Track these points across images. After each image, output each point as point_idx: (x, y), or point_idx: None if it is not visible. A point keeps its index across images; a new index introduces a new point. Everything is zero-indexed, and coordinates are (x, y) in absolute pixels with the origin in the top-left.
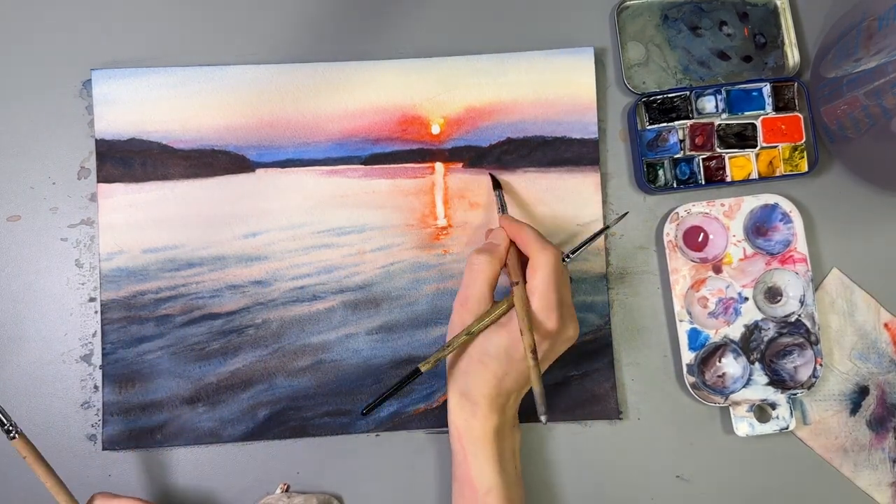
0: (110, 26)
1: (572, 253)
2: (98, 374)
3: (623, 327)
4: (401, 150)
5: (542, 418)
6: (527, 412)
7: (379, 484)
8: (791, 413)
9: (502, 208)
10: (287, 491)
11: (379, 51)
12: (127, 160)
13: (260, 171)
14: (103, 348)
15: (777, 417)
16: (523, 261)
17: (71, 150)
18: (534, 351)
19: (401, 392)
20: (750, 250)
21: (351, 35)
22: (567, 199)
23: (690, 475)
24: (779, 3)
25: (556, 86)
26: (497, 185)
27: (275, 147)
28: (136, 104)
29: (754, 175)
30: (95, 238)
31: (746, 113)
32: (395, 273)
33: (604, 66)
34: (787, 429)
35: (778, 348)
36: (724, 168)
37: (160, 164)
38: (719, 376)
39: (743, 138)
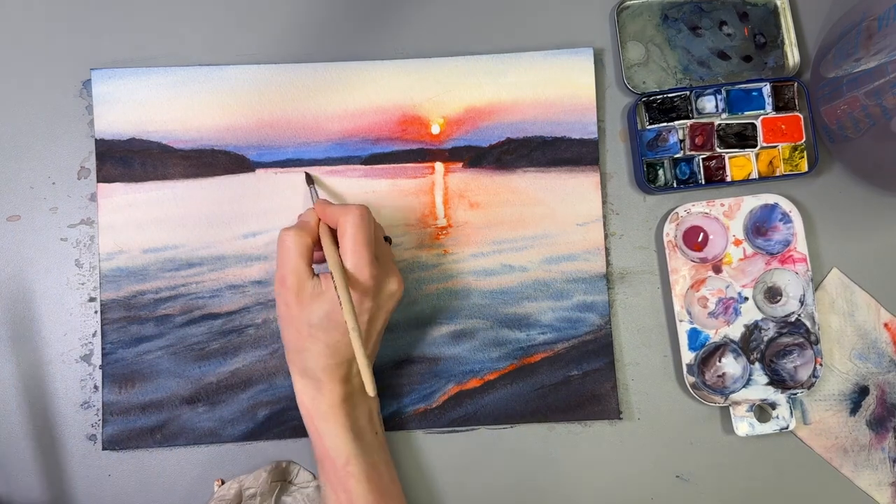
0: (110, 26)
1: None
2: (98, 374)
3: (623, 327)
4: (401, 150)
5: (369, 390)
6: (527, 413)
7: None
8: (791, 413)
9: (315, 198)
10: (222, 484)
11: (379, 51)
12: (127, 160)
13: (260, 171)
14: (103, 348)
15: (777, 417)
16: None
17: (71, 150)
18: (355, 320)
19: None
20: (750, 250)
21: (351, 35)
22: (567, 199)
23: (690, 475)
24: (779, 2)
25: (556, 86)
26: (310, 181)
27: (275, 147)
28: (135, 104)
29: (754, 175)
30: (95, 238)
31: (746, 113)
32: None
33: (604, 66)
34: (787, 429)
35: (778, 348)
36: (724, 168)
37: (160, 163)
38: (719, 376)
39: (743, 138)
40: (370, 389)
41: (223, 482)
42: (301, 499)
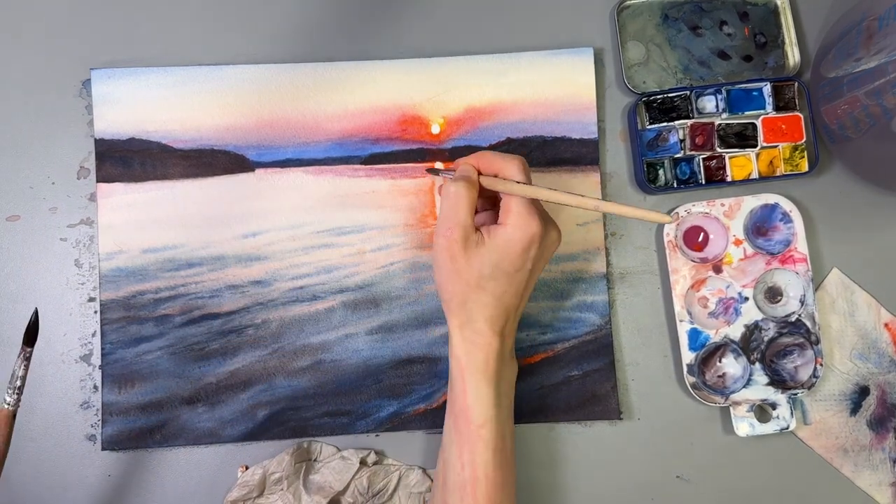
0: (110, 26)
1: None
2: (97, 374)
3: (623, 327)
4: (400, 149)
5: (663, 217)
6: (527, 413)
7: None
8: (791, 413)
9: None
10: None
11: (379, 51)
12: (126, 160)
13: (259, 171)
14: (103, 348)
15: (777, 417)
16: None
17: (70, 150)
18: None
19: None
20: (750, 250)
21: (351, 35)
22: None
23: (690, 475)
24: (779, 2)
25: (556, 86)
26: (435, 172)
27: (274, 147)
28: (135, 104)
29: (754, 175)
30: (95, 238)
31: (747, 112)
32: (394, 273)
33: (604, 66)
34: (787, 429)
35: (778, 348)
36: (724, 168)
37: (160, 163)
38: (719, 376)
39: (743, 138)
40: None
41: (247, 468)
42: (328, 473)
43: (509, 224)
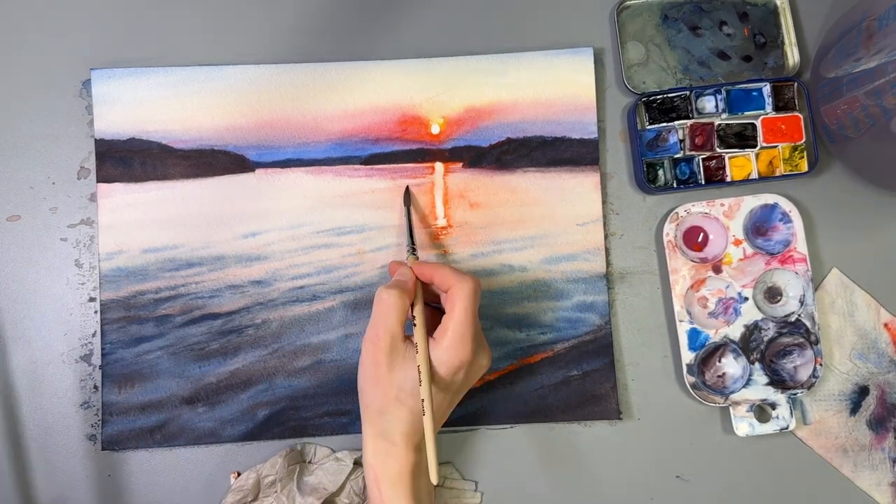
0: (110, 26)
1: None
2: (98, 374)
3: (623, 327)
4: (401, 150)
5: (433, 479)
6: (527, 413)
7: None
8: (791, 413)
9: (413, 250)
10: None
11: (379, 51)
12: (126, 160)
13: (259, 171)
14: (103, 348)
15: (777, 417)
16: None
17: (70, 150)
18: (430, 401)
19: None
20: (750, 250)
21: (351, 35)
22: (567, 199)
23: (690, 475)
24: (779, 2)
25: (556, 86)
26: (408, 200)
27: (274, 147)
28: (135, 104)
29: (754, 175)
30: (95, 238)
31: (746, 113)
32: None
33: (604, 66)
34: (787, 429)
35: (778, 348)
36: (724, 168)
37: (160, 163)
38: (719, 376)
39: (743, 138)
40: (433, 477)
41: (239, 474)
42: (322, 474)
43: (441, 346)
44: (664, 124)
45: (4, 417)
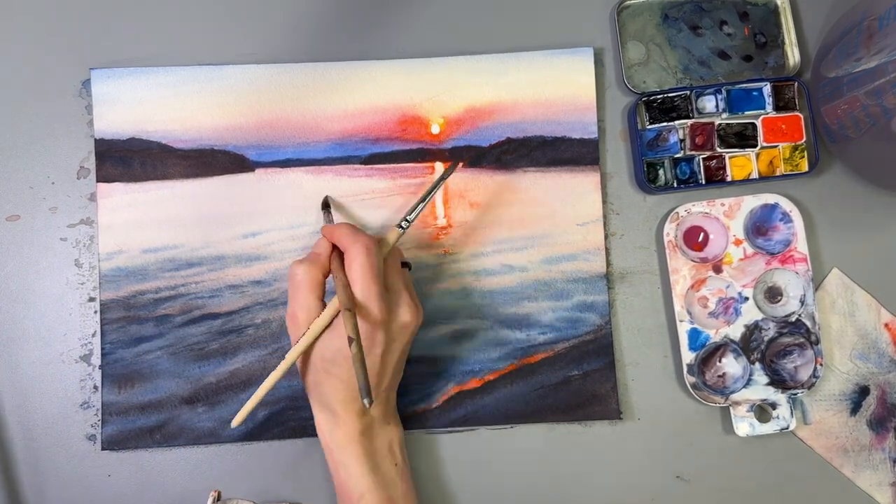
0: (110, 26)
1: (409, 216)
2: (97, 374)
3: (623, 327)
4: (400, 149)
5: (365, 402)
6: (527, 413)
7: None
8: (791, 413)
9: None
10: (219, 500)
11: (379, 51)
12: (126, 160)
13: (259, 171)
14: (103, 348)
15: (777, 417)
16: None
17: (70, 150)
18: (357, 336)
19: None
20: (750, 250)
21: (351, 35)
22: (567, 199)
23: (690, 475)
24: (779, 2)
25: (556, 86)
26: (326, 205)
27: (274, 147)
28: (135, 104)
29: (754, 175)
30: (95, 238)
31: (747, 112)
32: None
33: (604, 66)
34: (787, 429)
35: (778, 348)
36: (724, 168)
37: (160, 163)
38: (719, 376)
39: (743, 138)
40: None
41: (219, 495)
42: None
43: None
44: (664, 124)
45: (4, 417)
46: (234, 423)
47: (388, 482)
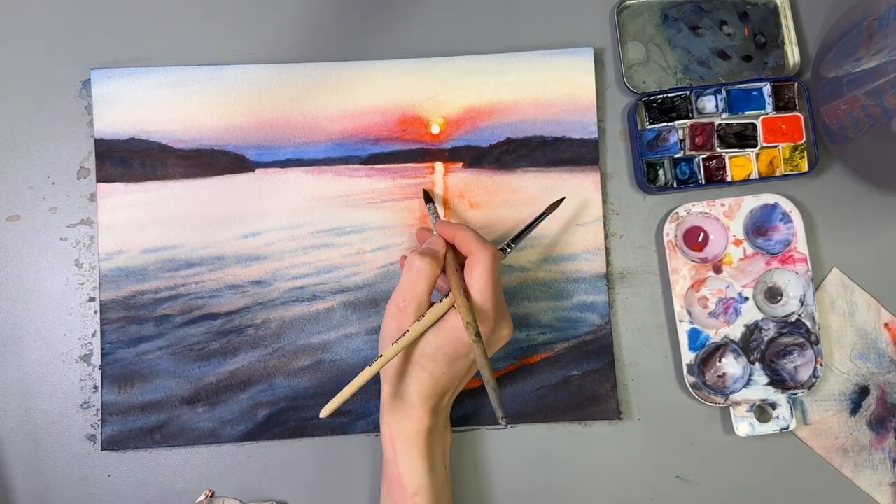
0: (110, 26)
1: (513, 241)
2: (97, 375)
3: (623, 327)
4: (401, 150)
5: (501, 422)
6: (527, 413)
7: (378, 484)
8: (791, 413)
9: (437, 216)
10: (212, 497)
11: (379, 51)
12: (126, 160)
13: (259, 171)
14: (102, 348)
15: (777, 417)
16: (460, 261)
17: (70, 150)
18: (480, 342)
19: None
20: (750, 250)
21: (351, 35)
22: (567, 199)
23: (690, 475)
24: (779, 2)
25: (556, 86)
26: (429, 199)
27: (274, 147)
28: (135, 104)
29: (754, 175)
30: (95, 238)
31: (746, 112)
32: (394, 273)
33: (604, 66)
34: (787, 429)
35: (778, 348)
36: (724, 168)
37: (159, 163)
38: (719, 376)
39: (743, 138)
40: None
41: (213, 493)
42: None
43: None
44: (664, 124)
45: (4, 417)
46: (324, 413)
47: (439, 484)
